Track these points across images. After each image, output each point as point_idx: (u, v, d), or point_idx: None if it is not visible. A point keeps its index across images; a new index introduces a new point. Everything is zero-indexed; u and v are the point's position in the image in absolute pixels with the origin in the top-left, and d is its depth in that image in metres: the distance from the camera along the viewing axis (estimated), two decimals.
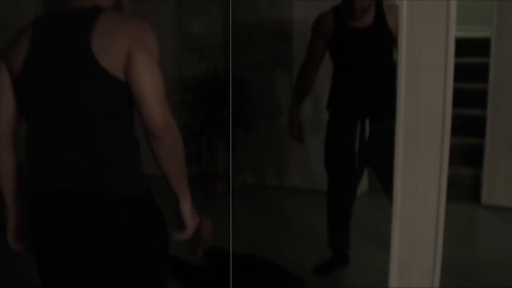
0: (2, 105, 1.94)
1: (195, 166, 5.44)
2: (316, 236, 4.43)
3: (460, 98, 3.06)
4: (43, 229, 1.93)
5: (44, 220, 1.92)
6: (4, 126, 1.96)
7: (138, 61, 1.81)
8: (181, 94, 5.78)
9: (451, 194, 2.97)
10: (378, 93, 3.55)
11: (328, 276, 3.78)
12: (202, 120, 5.49)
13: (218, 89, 5.37)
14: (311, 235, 4.50)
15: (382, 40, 3.49)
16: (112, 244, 1.88)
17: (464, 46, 4.08)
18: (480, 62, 5.57)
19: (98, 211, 1.86)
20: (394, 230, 2.47)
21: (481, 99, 5.27)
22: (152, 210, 1.99)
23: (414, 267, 2.50)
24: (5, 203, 2.07)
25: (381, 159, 3.58)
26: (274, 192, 5.72)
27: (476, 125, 5.33)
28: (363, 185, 5.62)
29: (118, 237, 1.88)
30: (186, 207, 2.00)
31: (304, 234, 4.53)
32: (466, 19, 5.87)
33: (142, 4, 5.49)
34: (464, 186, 5.42)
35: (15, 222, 2.10)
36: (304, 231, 4.59)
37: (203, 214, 2.13)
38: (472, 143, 5.40)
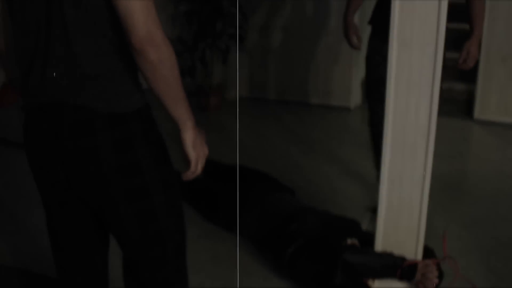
0: None
1: (188, 79, 5.42)
2: (304, 147, 4.48)
3: (455, 13, 3.04)
4: (30, 142, 1.81)
5: (30, 133, 1.80)
6: None
7: None
8: (174, 5, 5.69)
9: (445, 109, 3.00)
10: None
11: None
12: (196, 32, 5.43)
13: (212, 0, 5.29)
14: (303, 147, 4.56)
15: None
16: (91, 164, 1.69)
17: None
18: None
19: (75, 128, 1.67)
20: (386, 139, 2.50)
21: None
22: (144, 132, 1.72)
23: (405, 175, 2.54)
24: None
25: None
26: (270, 104, 5.75)
27: None
28: (356, 98, 5.64)
29: (97, 158, 1.67)
30: (188, 136, 1.76)
31: (297, 146, 4.58)
32: None
33: None
34: (457, 102, 5.43)
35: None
36: (297, 143, 4.65)
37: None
38: None
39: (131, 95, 1.71)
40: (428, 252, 2.77)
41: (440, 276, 2.65)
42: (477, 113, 5.26)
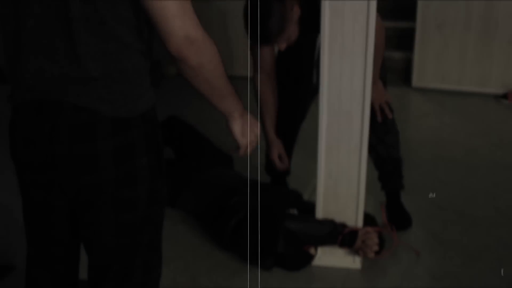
0: None
1: None
2: None
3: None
4: (17, 140, 1.62)
5: (18, 131, 1.61)
6: None
7: None
8: None
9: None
10: None
11: None
12: None
13: None
14: None
15: None
16: (87, 173, 1.54)
17: None
18: None
19: (73, 131, 1.51)
20: (321, 108, 2.51)
21: None
22: (146, 138, 1.58)
23: (342, 143, 2.56)
24: None
25: None
26: None
27: (408, 9, 5.34)
28: None
29: (95, 167, 1.53)
30: (235, 126, 1.78)
31: None
32: None
33: None
34: (396, 70, 5.48)
35: None
36: None
37: None
38: (404, 26, 5.42)
39: (138, 98, 1.56)
40: (369, 220, 2.81)
41: (381, 243, 2.69)
42: (415, 80, 5.33)
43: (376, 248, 2.65)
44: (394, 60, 5.45)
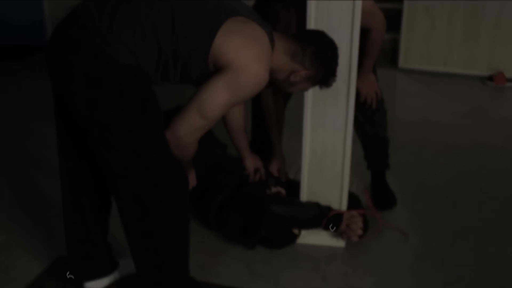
0: None
1: None
2: None
3: None
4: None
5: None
6: None
7: (234, 82, 1.94)
8: None
9: None
10: None
11: None
12: None
13: None
14: None
15: None
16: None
17: None
18: None
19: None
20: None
21: None
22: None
23: (327, 122, 2.55)
24: None
25: None
26: None
27: None
28: None
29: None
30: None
31: None
32: None
33: None
34: (382, 51, 5.44)
35: None
36: None
37: None
38: (391, 7, 5.40)
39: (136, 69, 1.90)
40: (353, 199, 2.81)
41: (365, 226, 2.69)
42: (402, 62, 5.34)
43: (360, 232, 2.64)
44: None
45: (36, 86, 4.85)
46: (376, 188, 3.14)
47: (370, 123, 3.00)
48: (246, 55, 1.94)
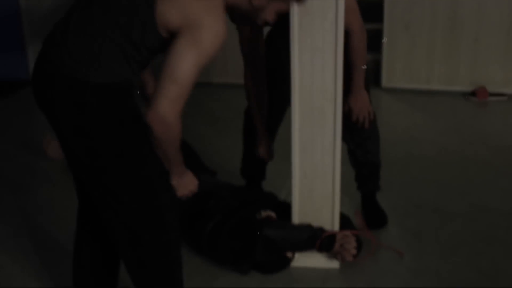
0: None
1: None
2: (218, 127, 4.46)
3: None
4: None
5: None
6: None
7: (193, 41, 1.81)
8: None
9: None
10: None
11: None
12: None
13: None
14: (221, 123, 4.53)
15: None
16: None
17: None
18: None
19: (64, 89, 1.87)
20: (294, 106, 2.49)
21: None
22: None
23: (316, 142, 2.55)
24: None
25: None
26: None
27: (375, 11, 5.36)
28: None
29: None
30: (174, 182, 2.19)
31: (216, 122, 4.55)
32: None
33: None
34: (366, 71, 5.48)
35: None
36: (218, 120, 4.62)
37: None
38: (372, 28, 5.43)
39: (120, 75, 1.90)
40: (344, 220, 2.80)
41: (359, 246, 2.67)
42: (385, 81, 5.36)
43: (354, 252, 2.63)
44: None
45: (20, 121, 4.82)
46: (367, 208, 3.13)
47: (360, 149, 2.99)
48: (194, 12, 1.82)
